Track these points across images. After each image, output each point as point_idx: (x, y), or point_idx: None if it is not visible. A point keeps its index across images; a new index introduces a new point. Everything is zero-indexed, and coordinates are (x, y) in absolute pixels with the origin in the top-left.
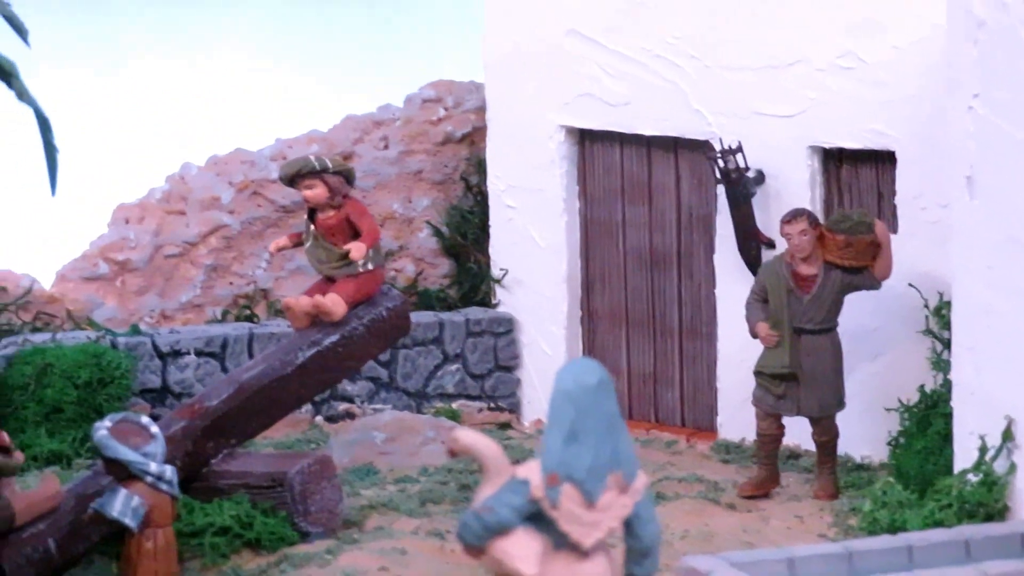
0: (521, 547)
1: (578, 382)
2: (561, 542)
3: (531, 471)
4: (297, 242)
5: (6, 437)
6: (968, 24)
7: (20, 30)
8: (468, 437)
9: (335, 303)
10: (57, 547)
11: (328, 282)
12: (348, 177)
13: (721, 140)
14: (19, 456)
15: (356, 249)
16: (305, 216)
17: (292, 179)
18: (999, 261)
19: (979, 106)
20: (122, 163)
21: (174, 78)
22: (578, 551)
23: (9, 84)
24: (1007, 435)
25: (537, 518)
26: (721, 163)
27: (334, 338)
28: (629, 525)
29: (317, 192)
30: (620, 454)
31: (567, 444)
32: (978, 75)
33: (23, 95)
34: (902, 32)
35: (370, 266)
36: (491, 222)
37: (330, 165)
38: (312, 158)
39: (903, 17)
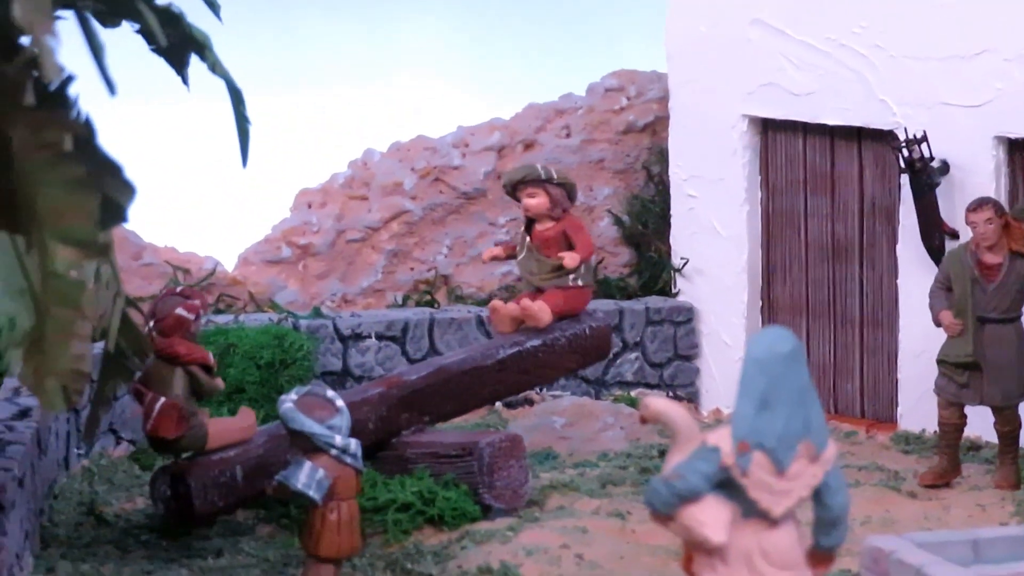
0: (710, 514)
1: (771, 350)
2: (750, 510)
3: (722, 438)
4: (510, 254)
5: (211, 358)
6: None
7: (212, 5)
8: (659, 404)
9: (542, 309)
10: (243, 476)
11: (536, 294)
12: (570, 192)
13: (906, 130)
14: (219, 382)
15: (570, 258)
16: (522, 228)
17: (515, 186)
18: None
19: None
20: (305, 148)
21: (357, 65)
22: (767, 519)
23: (202, 56)
24: None
25: (726, 486)
26: (905, 153)
27: (536, 342)
28: (818, 494)
29: (539, 201)
30: (811, 423)
31: (758, 412)
32: None
33: (216, 67)
34: None
35: (580, 282)
36: (672, 211)
37: (555, 176)
38: (539, 166)
39: None
